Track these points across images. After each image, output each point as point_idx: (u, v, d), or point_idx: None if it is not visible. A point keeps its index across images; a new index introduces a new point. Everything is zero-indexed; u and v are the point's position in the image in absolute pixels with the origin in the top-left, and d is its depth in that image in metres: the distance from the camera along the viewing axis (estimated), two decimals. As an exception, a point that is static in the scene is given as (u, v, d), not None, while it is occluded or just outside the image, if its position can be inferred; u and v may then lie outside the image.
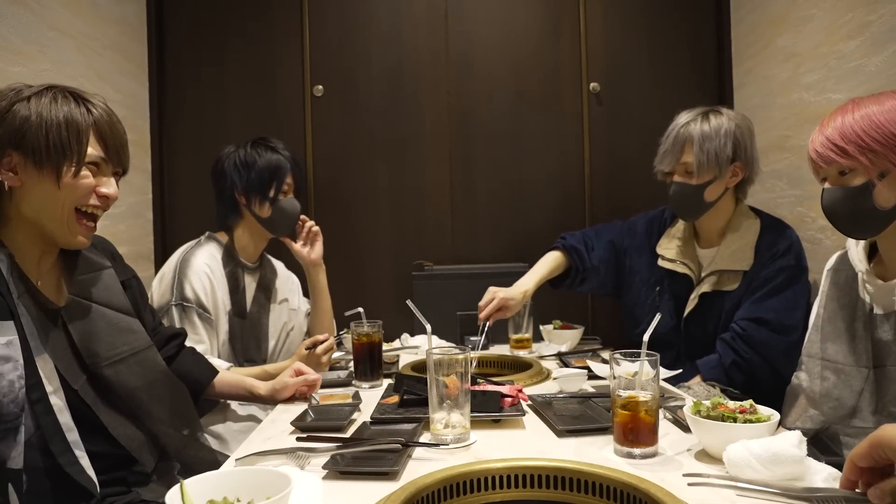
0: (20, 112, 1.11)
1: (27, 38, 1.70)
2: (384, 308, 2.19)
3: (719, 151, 1.78)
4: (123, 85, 2.22)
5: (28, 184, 1.13)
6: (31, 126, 1.10)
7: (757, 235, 1.81)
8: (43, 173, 1.12)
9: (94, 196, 1.17)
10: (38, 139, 1.10)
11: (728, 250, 1.83)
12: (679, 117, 1.88)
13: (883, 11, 1.66)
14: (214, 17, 2.50)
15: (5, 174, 1.12)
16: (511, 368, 1.82)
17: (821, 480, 0.91)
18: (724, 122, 1.81)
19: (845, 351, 1.29)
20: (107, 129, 1.18)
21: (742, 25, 2.43)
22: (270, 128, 2.38)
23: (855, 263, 1.34)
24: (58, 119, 1.12)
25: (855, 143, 1.19)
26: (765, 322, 1.70)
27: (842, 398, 1.27)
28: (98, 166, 1.18)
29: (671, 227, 1.99)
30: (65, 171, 1.12)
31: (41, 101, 1.12)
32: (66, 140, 1.12)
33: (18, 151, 1.11)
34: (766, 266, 1.76)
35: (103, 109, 1.19)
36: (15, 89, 1.14)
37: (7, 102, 1.12)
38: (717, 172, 1.79)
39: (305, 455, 1.10)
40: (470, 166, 2.55)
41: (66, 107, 1.13)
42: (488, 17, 2.54)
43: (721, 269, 1.81)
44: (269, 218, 1.95)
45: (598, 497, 0.96)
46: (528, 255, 2.51)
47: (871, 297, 1.28)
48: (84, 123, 1.14)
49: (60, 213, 1.14)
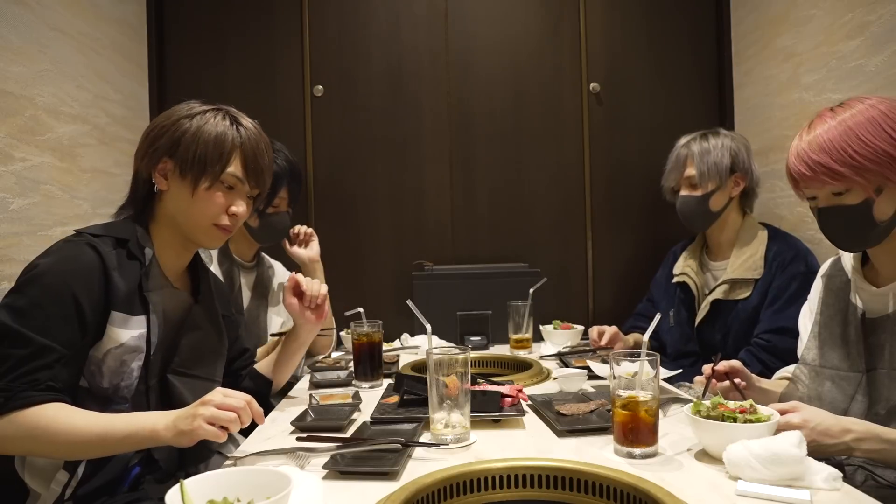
0: (183, 125, 1.24)
1: (27, 38, 1.70)
2: (384, 308, 2.19)
3: (718, 162, 1.94)
4: (123, 85, 2.22)
5: (172, 189, 1.25)
6: (187, 138, 1.23)
7: (765, 245, 1.91)
8: (184, 182, 1.24)
9: (225, 214, 1.28)
10: (189, 150, 1.22)
11: (738, 260, 1.93)
12: (680, 140, 2.07)
13: (883, 11, 1.67)
14: (214, 17, 2.50)
15: (158, 178, 1.25)
16: (511, 368, 1.82)
17: (821, 480, 0.91)
18: (721, 139, 1.98)
19: (840, 356, 1.29)
20: (251, 153, 1.28)
21: (742, 25, 2.43)
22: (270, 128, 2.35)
23: (847, 270, 1.34)
24: (209, 135, 1.24)
25: (849, 164, 1.16)
26: (787, 331, 1.72)
27: (834, 402, 1.27)
28: (234, 186, 1.28)
29: (688, 249, 2.14)
30: (201, 183, 1.23)
31: (204, 118, 1.25)
32: (210, 155, 1.23)
33: (172, 159, 1.24)
34: (777, 276, 1.85)
35: (254, 133, 1.29)
36: (189, 105, 1.28)
37: (176, 117, 1.25)
38: (719, 181, 1.95)
39: (305, 455, 1.10)
40: (470, 166, 2.55)
41: (222, 126, 1.25)
42: (488, 17, 2.54)
43: (733, 279, 1.90)
44: (256, 229, 1.96)
45: (598, 497, 0.96)
46: (528, 255, 2.51)
47: (864, 302, 1.28)
48: (231, 143, 1.26)
49: (196, 221, 1.26)
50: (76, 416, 1.08)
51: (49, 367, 1.08)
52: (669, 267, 2.17)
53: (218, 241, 1.31)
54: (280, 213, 1.99)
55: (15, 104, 1.64)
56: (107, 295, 1.14)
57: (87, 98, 1.99)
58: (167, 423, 1.06)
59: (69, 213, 1.87)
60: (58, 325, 1.09)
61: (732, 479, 0.95)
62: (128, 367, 1.17)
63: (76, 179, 1.92)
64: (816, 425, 1.06)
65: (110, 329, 1.15)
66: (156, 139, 1.25)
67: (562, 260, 2.53)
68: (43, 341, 1.07)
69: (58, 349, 1.08)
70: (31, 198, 1.70)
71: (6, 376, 1.06)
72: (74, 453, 1.11)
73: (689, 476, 0.98)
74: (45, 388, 1.07)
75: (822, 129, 1.20)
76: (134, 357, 1.17)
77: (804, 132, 1.24)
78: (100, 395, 1.16)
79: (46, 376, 1.07)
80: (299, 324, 1.53)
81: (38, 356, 1.07)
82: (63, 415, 1.07)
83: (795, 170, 1.24)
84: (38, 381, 1.07)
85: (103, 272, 1.14)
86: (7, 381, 1.06)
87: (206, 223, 1.26)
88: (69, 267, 1.12)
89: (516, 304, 2.00)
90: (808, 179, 1.22)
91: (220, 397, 1.06)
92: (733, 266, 1.92)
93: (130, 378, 1.17)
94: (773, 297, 1.83)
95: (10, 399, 1.05)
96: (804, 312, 1.45)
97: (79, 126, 1.94)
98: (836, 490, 0.91)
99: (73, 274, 1.12)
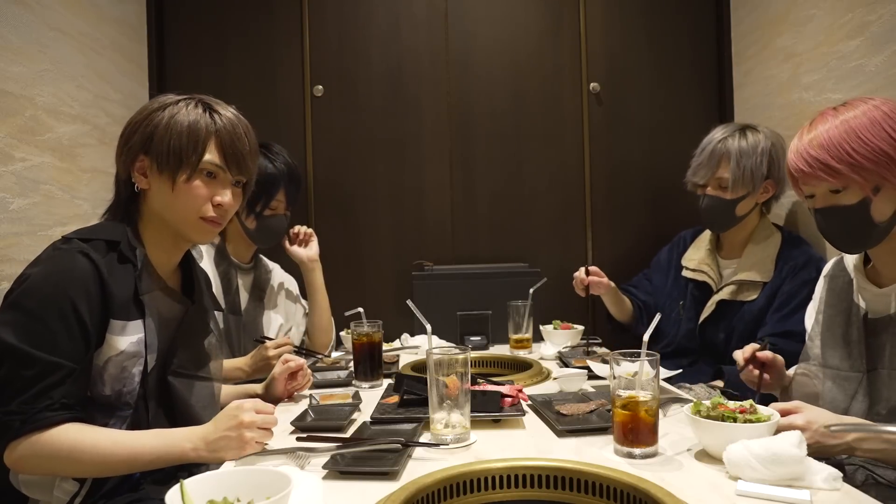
0: (154, 119, 1.19)
1: (27, 38, 1.70)
2: (384, 308, 2.19)
3: (755, 168, 1.82)
4: (123, 85, 2.22)
5: (153, 187, 1.21)
6: (160, 131, 1.18)
7: (778, 248, 1.85)
8: (163, 177, 1.19)
9: (210, 205, 1.22)
10: (163, 144, 1.17)
11: (749, 261, 1.87)
12: (715, 132, 1.92)
13: (883, 11, 1.66)
14: (214, 17, 2.50)
15: (137, 177, 1.21)
16: (511, 368, 1.82)
17: (821, 480, 0.91)
18: (760, 139, 1.84)
19: (842, 356, 1.29)
20: (227, 139, 1.22)
21: (742, 25, 2.43)
22: (270, 128, 2.38)
23: (849, 270, 1.34)
24: (182, 125, 1.18)
25: (847, 162, 1.16)
26: (794, 334, 1.71)
27: (835, 401, 1.27)
28: (216, 175, 1.22)
29: (698, 239, 2.06)
30: (179, 175, 1.18)
31: (176, 107, 1.20)
32: (184, 146, 1.18)
33: (148, 155, 1.19)
34: (787, 280, 1.79)
35: (230, 119, 1.23)
36: (160, 99, 1.22)
37: (147, 112, 1.20)
38: (751, 188, 1.84)
39: (305, 455, 1.10)
40: (470, 166, 2.55)
41: (195, 114, 1.20)
42: (488, 17, 2.54)
43: (741, 280, 1.85)
44: (253, 231, 1.96)
45: (598, 497, 0.96)
46: (528, 255, 2.51)
47: (866, 302, 1.28)
48: (205, 131, 1.19)
49: (181, 216, 1.21)
50: (100, 438, 1.07)
51: (60, 385, 1.05)
52: (678, 253, 2.10)
53: (209, 234, 1.25)
54: (277, 216, 1.99)
55: (15, 104, 1.64)
56: (104, 304, 1.11)
57: (87, 98, 1.99)
58: (195, 444, 1.09)
59: (69, 213, 1.87)
60: (63, 340, 1.06)
61: (732, 479, 0.95)
62: (128, 373, 1.15)
63: (76, 179, 1.92)
64: (820, 426, 1.06)
65: (109, 337, 1.13)
66: (129, 137, 1.20)
67: (562, 260, 2.53)
68: (50, 359, 1.05)
69: (66, 365, 1.06)
70: (31, 198, 1.70)
71: (17, 397, 1.03)
72: (100, 473, 1.10)
73: (689, 476, 0.98)
74: (59, 406, 1.05)
75: (824, 127, 1.20)
76: (134, 363, 1.16)
77: (805, 130, 1.24)
78: (103, 403, 1.14)
79: (59, 394, 1.05)
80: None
81: (47, 374, 1.04)
82: (86, 437, 1.06)
83: (794, 166, 1.24)
84: (52, 400, 1.04)
85: (99, 281, 1.11)
86: (19, 402, 1.03)
87: (193, 217, 1.21)
88: (65, 278, 1.09)
89: (516, 304, 2.00)
90: (805, 176, 1.22)
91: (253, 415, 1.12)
92: (743, 267, 1.87)
93: (132, 383, 1.16)
94: (781, 301, 1.79)
95: (25, 422, 1.03)
96: (809, 313, 1.45)
97: (79, 126, 1.94)
98: (836, 490, 0.91)
99: (70, 285, 1.08)
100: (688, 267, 2.02)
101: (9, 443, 1.04)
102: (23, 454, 1.04)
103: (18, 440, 1.04)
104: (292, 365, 1.50)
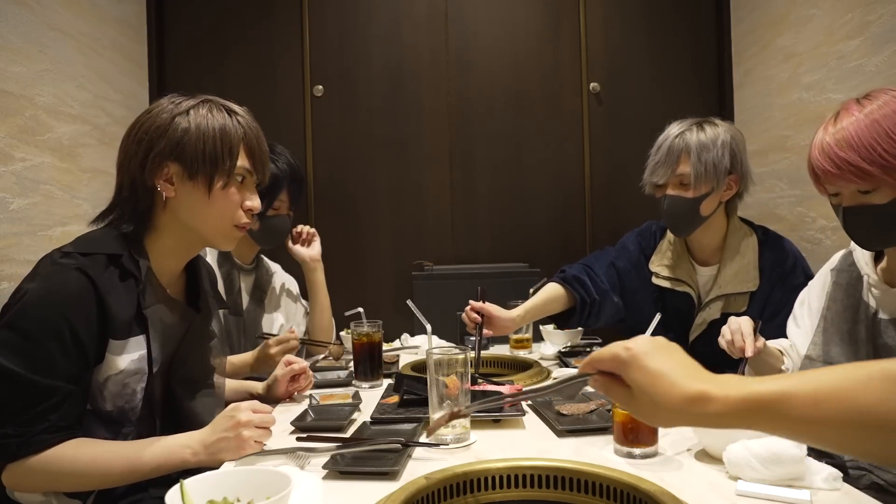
0: (181, 124, 1.14)
1: (27, 38, 1.70)
2: (384, 308, 2.20)
3: (717, 161, 1.69)
4: (123, 85, 2.22)
5: (181, 195, 1.16)
6: (191, 138, 1.13)
7: (757, 253, 1.75)
8: (196, 184, 1.15)
9: (242, 211, 1.20)
10: (196, 150, 1.13)
11: (730, 272, 1.75)
12: (671, 128, 1.79)
13: (883, 11, 1.67)
14: (214, 17, 2.50)
15: (163, 185, 1.15)
16: (511, 368, 1.82)
17: (821, 480, 0.91)
18: (720, 132, 1.72)
19: (846, 354, 1.26)
20: (254, 142, 1.21)
21: (742, 25, 2.43)
22: (270, 128, 2.36)
23: (861, 266, 1.28)
24: (214, 131, 1.15)
25: (878, 164, 1.09)
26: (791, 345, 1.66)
27: None
28: (244, 179, 1.21)
29: (661, 242, 1.91)
30: (216, 182, 1.15)
31: (199, 113, 1.15)
32: (220, 152, 1.15)
33: (177, 163, 1.14)
34: (776, 287, 1.70)
35: (249, 122, 1.22)
36: (174, 101, 1.16)
37: (168, 115, 1.14)
38: (715, 184, 1.70)
39: (305, 455, 1.10)
40: (470, 166, 2.55)
41: (221, 118, 1.16)
42: (488, 17, 2.54)
43: (727, 294, 1.74)
44: (257, 231, 1.95)
45: (598, 497, 0.96)
46: (528, 255, 2.51)
47: (877, 301, 1.24)
48: (236, 136, 1.17)
49: (215, 224, 1.18)
50: (99, 452, 1.06)
51: (58, 408, 1.03)
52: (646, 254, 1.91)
53: (235, 241, 1.24)
54: (280, 216, 1.99)
55: (15, 104, 1.64)
56: (103, 324, 1.08)
57: (87, 98, 1.99)
58: (195, 449, 1.09)
59: (69, 213, 1.87)
60: (59, 362, 1.04)
61: (732, 479, 0.95)
62: (130, 390, 1.13)
63: (76, 179, 1.92)
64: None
65: (109, 357, 1.10)
66: (152, 143, 1.13)
67: (562, 260, 2.52)
68: (47, 382, 1.02)
69: (63, 387, 1.04)
70: (31, 198, 1.70)
71: (13, 420, 1.01)
72: (101, 486, 1.10)
73: (689, 476, 0.98)
74: (56, 429, 1.04)
75: (849, 121, 1.13)
76: (137, 380, 1.13)
77: (829, 124, 1.17)
78: (105, 419, 1.12)
79: (57, 416, 1.03)
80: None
81: (44, 399, 1.02)
82: (85, 453, 1.05)
83: (819, 166, 1.16)
84: (49, 423, 1.03)
85: (97, 300, 1.07)
86: (16, 425, 1.01)
87: (227, 224, 1.19)
88: (63, 298, 1.05)
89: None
90: (832, 177, 1.15)
91: (250, 414, 1.10)
92: (725, 278, 1.75)
93: (134, 400, 1.13)
94: (772, 311, 1.68)
95: (22, 445, 1.01)
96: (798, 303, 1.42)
97: (79, 126, 1.94)
98: (836, 490, 0.91)
99: (67, 307, 1.05)
100: (659, 275, 1.86)
101: (6, 465, 1.03)
102: (21, 475, 1.03)
103: (16, 462, 1.03)
104: (296, 367, 1.50)
